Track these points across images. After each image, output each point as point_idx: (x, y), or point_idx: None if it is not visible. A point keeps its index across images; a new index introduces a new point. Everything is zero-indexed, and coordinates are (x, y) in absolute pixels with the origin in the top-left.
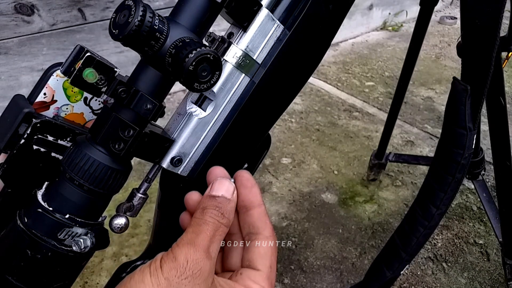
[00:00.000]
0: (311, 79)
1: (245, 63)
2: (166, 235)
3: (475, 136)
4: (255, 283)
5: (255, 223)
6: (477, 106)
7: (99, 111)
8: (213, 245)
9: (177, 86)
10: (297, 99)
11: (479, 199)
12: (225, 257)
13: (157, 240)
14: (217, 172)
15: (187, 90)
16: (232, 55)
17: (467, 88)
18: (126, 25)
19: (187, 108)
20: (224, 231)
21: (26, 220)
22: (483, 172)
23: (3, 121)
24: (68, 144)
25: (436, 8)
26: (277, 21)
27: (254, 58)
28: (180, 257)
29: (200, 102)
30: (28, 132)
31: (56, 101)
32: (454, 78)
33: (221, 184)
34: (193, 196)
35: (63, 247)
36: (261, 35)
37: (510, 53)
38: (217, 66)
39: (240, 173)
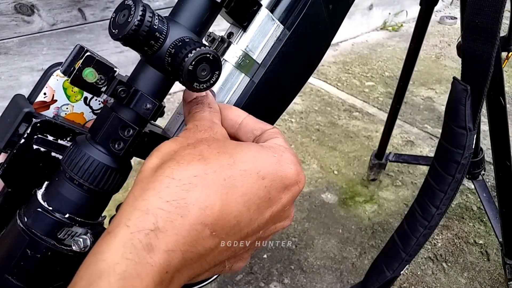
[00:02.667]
0: (311, 79)
1: (244, 63)
2: None
3: (475, 136)
4: (272, 142)
5: (254, 126)
6: (477, 106)
7: (99, 111)
8: (214, 119)
9: (177, 86)
10: (297, 99)
11: (479, 199)
12: None
13: None
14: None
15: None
16: (232, 55)
17: (467, 88)
18: (126, 25)
19: None
20: (216, 114)
21: (26, 220)
22: (483, 172)
23: (3, 120)
24: (68, 144)
25: (436, 8)
26: (277, 21)
27: (254, 58)
28: (189, 125)
29: None
30: (28, 131)
31: (56, 100)
32: (454, 78)
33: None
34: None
35: (62, 247)
36: (260, 35)
37: (510, 53)
38: (217, 66)
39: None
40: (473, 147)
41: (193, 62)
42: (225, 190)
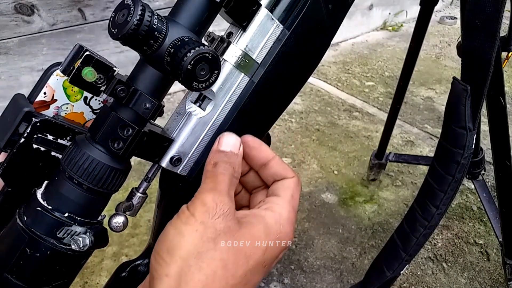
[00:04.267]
0: (311, 79)
1: (244, 62)
2: None
3: (475, 136)
4: (277, 204)
5: (276, 172)
6: (477, 106)
7: (99, 111)
8: (231, 192)
9: (177, 86)
10: (297, 99)
11: (479, 199)
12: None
13: (156, 239)
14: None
15: (187, 90)
16: (232, 55)
17: (467, 88)
18: (125, 24)
19: (187, 107)
20: (236, 183)
21: (25, 219)
22: (483, 172)
23: (3, 120)
24: (68, 143)
25: (436, 8)
26: (277, 20)
27: (254, 57)
28: (208, 200)
29: (200, 102)
30: (28, 131)
31: (56, 100)
32: (454, 78)
33: (228, 139)
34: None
35: (62, 246)
36: (260, 34)
37: (510, 53)
38: (216, 65)
39: (244, 138)
40: (473, 147)
41: (192, 62)
42: None
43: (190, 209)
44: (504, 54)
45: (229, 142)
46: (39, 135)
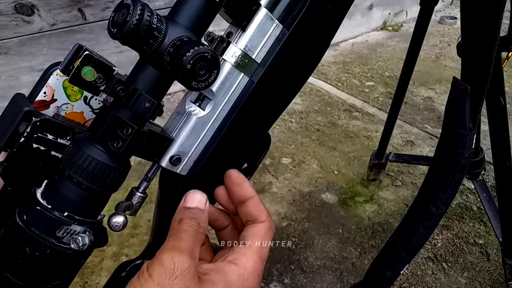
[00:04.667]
0: (311, 79)
1: (244, 62)
2: (165, 234)
3: (475, 136)
4: (243, 255)
5: (251, 212)
6: (477, 106)
7: (98, 110)
8: (195, 249)
9: (177, 86)
10: (297, 99)
11: (479, 199)
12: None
13: (156, 239)
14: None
15: (187, 90)
16: (231, 55)
17: (467, 88)
18: (124, 24)
19: (186, 107)
20: (201, 238)
21: (25, 218)
22: (483, 172)
23: (3, 119)
24: (68, 143)
25: (436, 8)
26: (276, 20)
27: (253, 57)
28: (167, 261)
29: (199, 101)
30: (28, 130)
31: (56, 100)
32: (454, 78)
33: (194, 196)
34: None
35: (61, 245)
36: (260, 34)
37: (510, 53)
38: (215, 65)
39: (228, 173)
40: (473, 147)
41: (191, 61)
42: None
43: (149, 270)
44: (504, 54)
45: (195, 198)
46: (39, 134)
